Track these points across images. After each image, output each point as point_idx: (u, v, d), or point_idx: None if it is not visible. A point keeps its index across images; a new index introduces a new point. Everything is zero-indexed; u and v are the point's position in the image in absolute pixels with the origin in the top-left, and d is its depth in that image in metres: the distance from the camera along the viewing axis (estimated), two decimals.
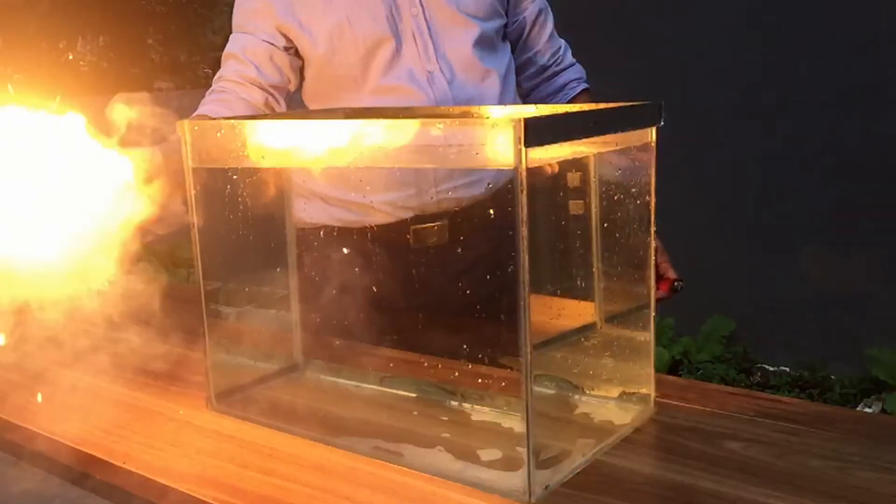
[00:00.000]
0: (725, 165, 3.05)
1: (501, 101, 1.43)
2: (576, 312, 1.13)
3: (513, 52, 1.51)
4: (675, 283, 1.37)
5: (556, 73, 1.55)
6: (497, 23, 1.44)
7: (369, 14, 1.35)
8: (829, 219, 2.92)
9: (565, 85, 1.55)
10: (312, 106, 1.46)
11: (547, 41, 1.53)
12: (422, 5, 1.37)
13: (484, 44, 1.41)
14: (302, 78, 1.43)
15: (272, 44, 1.36)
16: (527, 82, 1.56)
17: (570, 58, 1.57)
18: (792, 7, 2.86)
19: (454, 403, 1.11)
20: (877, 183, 2.81)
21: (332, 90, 1.41)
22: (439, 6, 1.38)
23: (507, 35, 1.50)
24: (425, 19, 1.37)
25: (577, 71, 1.57)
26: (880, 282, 2.85)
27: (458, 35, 1.39)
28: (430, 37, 1.37)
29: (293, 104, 1.48)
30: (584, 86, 1.56)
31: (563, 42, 1.57)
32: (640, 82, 2.90)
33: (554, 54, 1.54)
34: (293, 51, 1.39)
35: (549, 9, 1.54)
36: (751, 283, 3.06)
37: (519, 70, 1.53)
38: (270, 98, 1.38)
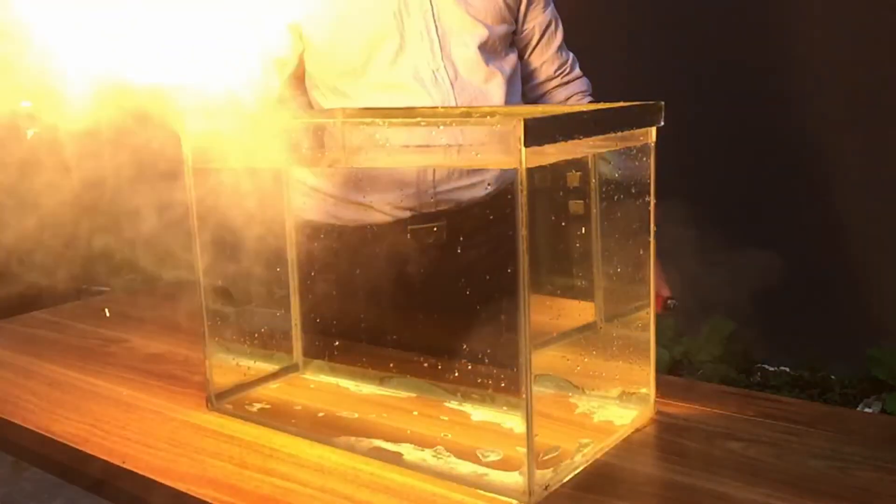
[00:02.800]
0: (726, 164, 3.05)
1: (506, 104, 1.43)
2: (576, 312, 1.13)
3: (520, 60, 1.52)
4: (669, 301, 1.38)
5: (562, 85, 1.56)
6: (504, 28, 1.44)
7: (377, 7, 1.36)
8: (829, 217, 2.92)
9: (569, 97, 1.56)
10: (313, 95, 1.45)
11: (555, 52, 1.53)
12: (431, 5, 1.37)
13: (490, 48, 1.42)
14: (302, 66, 1.43)
15: None
16: (532, 93, 1.57)
17: (577, 71, 1.58)
18: (793, 5, 2.86)
19: (454, 403, 1.11)
20: (878, 183, 2.81)
21: (333, 81, 1.41)
22: (449, 7, 1.38)
23: (515, 43, 1.50)
24: (434, 19, 1.38)
25: (583, 84, 1.57)
26: (881, 281, 2.85)
27: (465, 37, 1.39)
28: (437, 36, 1.38)
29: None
30: (588, 99, 1.57)
31: (571, 55, 1.57)
32: (640, 82, 2.90)
33: (561, 66, 1.55)
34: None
35: (560, 21, 1.55)
36: (751, 283, 3.06)
37: (525, 80, 1.54)
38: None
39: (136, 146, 1.14)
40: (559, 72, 1.55)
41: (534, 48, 1.52)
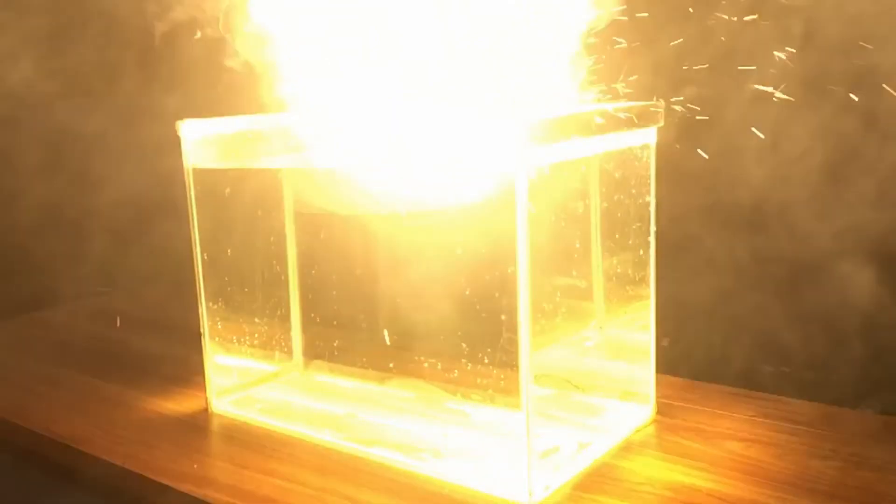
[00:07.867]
0: (726, 162, 3.05)
1: None
2: (576, 312, 1.13)
3: None
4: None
5: None
6: None
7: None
8: (827, 216, 2.92)
9: None
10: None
11: None
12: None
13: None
14: None
15: None
16: None
17: None
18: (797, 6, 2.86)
19: (454, 403, 1.11)
20: (876, 184, 2.82)
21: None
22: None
23: None
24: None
25: None
26: (881, 280, 2.85)
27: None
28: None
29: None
30: None
31: None
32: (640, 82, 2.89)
33: None
34: None
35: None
36: (751, 283, 3.06)
37: None
38: None
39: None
40: None
41: None
